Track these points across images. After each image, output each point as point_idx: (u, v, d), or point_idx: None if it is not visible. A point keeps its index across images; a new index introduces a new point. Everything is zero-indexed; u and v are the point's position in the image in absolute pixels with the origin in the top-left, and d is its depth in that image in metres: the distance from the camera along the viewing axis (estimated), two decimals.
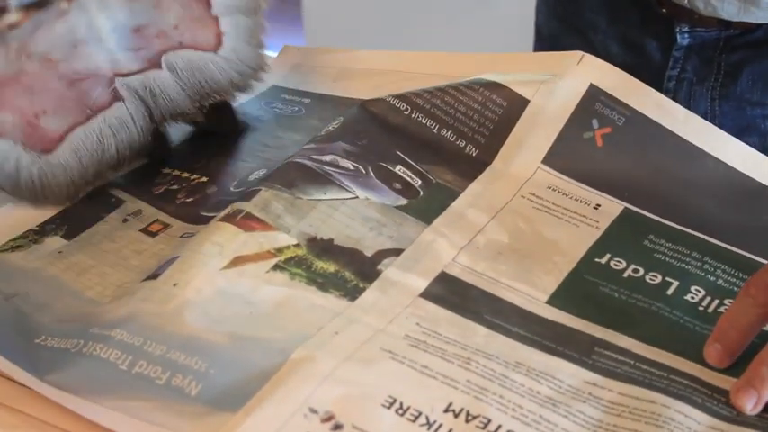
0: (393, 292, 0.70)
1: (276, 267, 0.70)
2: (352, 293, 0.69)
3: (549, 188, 0.77)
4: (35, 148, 0.78)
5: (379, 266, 0.71)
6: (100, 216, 0.79)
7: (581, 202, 0.77)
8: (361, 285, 0.70)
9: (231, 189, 0.80)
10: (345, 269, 0.71)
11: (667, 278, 0.71)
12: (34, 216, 0.79)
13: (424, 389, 0.63)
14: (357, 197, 0.75)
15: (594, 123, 0.80)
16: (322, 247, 0.72)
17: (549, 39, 1.04)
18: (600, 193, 0.77)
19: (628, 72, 0.96)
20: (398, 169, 0.78)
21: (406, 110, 0.82)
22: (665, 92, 0.95)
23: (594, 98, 0.80)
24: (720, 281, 0.71)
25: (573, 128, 0.80)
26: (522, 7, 2.01)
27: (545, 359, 0.66)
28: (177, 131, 0.87)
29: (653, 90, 0.81)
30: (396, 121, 0.81)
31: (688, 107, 0.94)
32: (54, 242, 0.77)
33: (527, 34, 2.08)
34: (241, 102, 0.89)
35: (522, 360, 0.66)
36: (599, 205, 0.76)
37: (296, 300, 0.69)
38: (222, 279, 0.69)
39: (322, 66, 0.94)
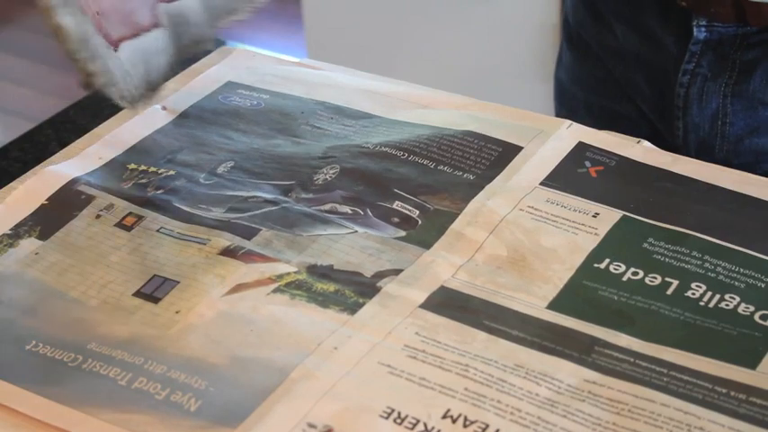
0: (392, 305, 0.70)
1: (277, 290, 0.71)
2: (353, 308, 0.70)
3: (548, 201, 0.77)
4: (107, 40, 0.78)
5: (378, 284, 0.72)
6: (72, 214, 0.78)
7: (579, 211, 0.77)
8: (360, 301, 0.70)
9: (201, 181, 0.80)
10: (345, 288, 0.71)
11: (667, 278, 0.71)
12: (1, 221, 0.78)
13: (422, 399, 0.64)
14: (356, 231, 0.76)
15: (587, 163, 0.81)
16: (322, 273, 0.73)
17: (575, 25, 1.04)
18: (598, 203, 0.77)
19: (646, 66, 0.96)
20: (396, 205, 0.78)
21: (404, 155, 0.82)
22: (679, 86, 0.95)
23: (584, 149, 0.82)
24: (721, 276, 0.71)
25: (567, 164, 0.81)
26: (522, 7, 2.02)
27: (544, 360, 0.66)
28: (140, 125, 0.86)
29: (641, 141, 0.82)
30: (392, 164, 0.81)
31: (700, 103, 0.94)
32: (29, 244, 0.76)
33: (527, 34, 2.08)
34: (198, 97, 0.89)
35: (520, 363, 0.66)
36: (597, 213, 0.76)
37: (296, 316, 0.69)
38: (223, 303, 0.71)
39: (280, 75, 0.92)
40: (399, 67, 2.09)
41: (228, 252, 0.74)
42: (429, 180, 0.80)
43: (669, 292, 0.70)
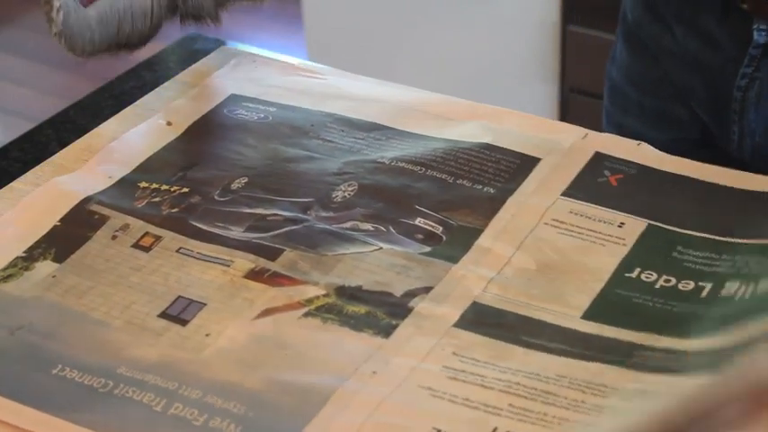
0: (426, 326, 0.69)
1: (308, 314, 0.70)
2: (386, 330, 0.69)
3: (572, 213, 0.77)
4: None
5: (410, 304, 0.70)
6: (86, 235, 0.77)
7: (604, 222, 0.76)
8: (393, 322, 0.69)
9: (216, 198, 0.79)
10: (377, 309, 0.70)
11: (700, 283, 0.71)
12: (14, 242, 0.76)
13: (467, 419, 0.63)
14: (381, 248, 0.75)
15: (606, 172, 0.80)
16: (351, 294, 0.71)
17: (633, 24, 1.02)
18: (622, 213, 0.77)
19: (703, 68, 0.96)
20: (418, 221, 0.77)
21: (421, 170, 0.81)
22: (737, 90, 0.94)
23: (602, 159, 0.81)
24: (753, 269, 0.71)
25: (586, 175, 0.80)
26: (522, 6, 2.01)
27: (586, 368, 0.66)
28: (146, 142, 0.86)
29: (641, 144, 0.82)
30: (411, 179, 0.80)
31: (757, 107, 0.93)
32: (45, 267, 0.74)
33: (527, 34, 2.08)
34: (202, 112, 0.88)
35: (562, 373, 0.65)
36: (623, 224, 0.76)
37: (330, 340, 0.68)
38: (255, 327, 0.69)
39: (284, 86, 0.92)
40: (399, 67, 2.09)
41: (254, 275, 0.73)
42: (449, 195, 0.79)
43: (703, 294, 0.70)
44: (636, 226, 0.76)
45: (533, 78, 2.01)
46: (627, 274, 0.72)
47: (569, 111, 1.99)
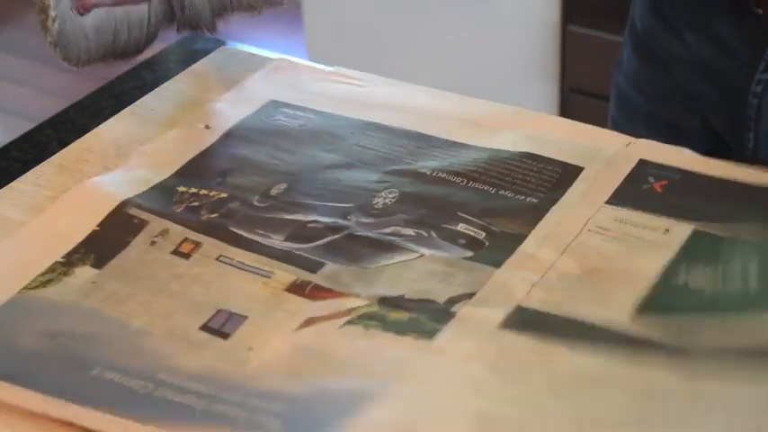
0: (471, 328, 0.68)
1: (350, 323, 0.69)
2: (430, 333, 0.68)
3: (616, 220, 0.76)
4: (74, 4, 0.83)
5: (452, 309, 0.70)
6: (126, 241, 0.76)
7: (649, 229, 0.75)
8: (437, 327, 0.68)
9: (255, 203, 0.79)
10: (420, 315, 0.69)
11: (747, 286, 0.71)
12: (52, 245, 0.76)
13: (512, 419, 0.63)
14: (423, 255, 0.74)
15: (651, 179, 0.80)
16: (393, 303, 0.71)
17: (642, 32, 1.01)
18: (667, 218, 0.76)
19: (717, 75, 0.94)
20: (461, 227, 0.76)
21: (462, 181, 0.80)
22: (752, 96, 0.93)
23: (646, 166, 0.81)
24: None
25: (630, 182, 0.79)
26: (522, 6, 2.02)
27: (637, 371, 0.65)
28: (184, 145, 0.85)
29: (703, 156, 0.81)
30: (453, 189, 0.79)
31: None
32: (84, 272, 0.73)
33: (527, 34, 2.08)
34: (241, 117, 0.87)
35: (611, 374, 0.65)
36: (668, 230, 0.75)
37: (374, 345, 0.68)
38: (297, 338, 0.69)
39: (323, 93, 0.91)
40: (399, 67, 2.09)
41: (295, 288, 0.72)
42: (492, 204, 0.78)
43: (751, 296, 0.70)
44: (681, 231, 0.75)
45: (533, 78, 2.01)
46: (673, 280, 0.72)
47: (569, 111, 1.99)
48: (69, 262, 0.75)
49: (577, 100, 1.97)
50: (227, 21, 0.90)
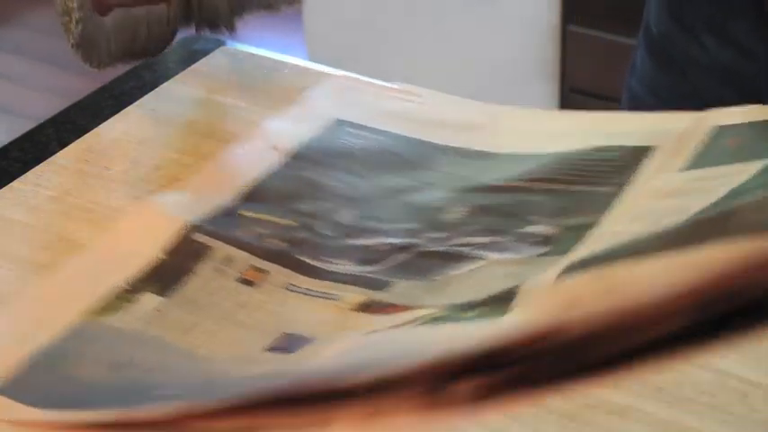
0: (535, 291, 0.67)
1: (418, 325, 0.68)
2: (504, 312, 0.66)
3: (691, 180, 0.74)
4: (93, 4, 0.84)
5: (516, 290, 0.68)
6: (190, 267, 0.73)
7: (726, 176, 0.72)
8: (507, 310, 0.66)
9: (323, 232, 0.77)
10: (491, 308, 0.67)
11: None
12: (114, 270, 0.73)
13: None
14: (493, 260, 0.73)
15: (724, 140, 0.78)
16: (462, 306, 0.69)
17: (658, 37, 1.00)
18: (742, 163, 0.73)
19: (736, 79, 0.94)
20: (532, 229, 0.75)
21: (533, 186, 0.79)
22: None
23: (719, 129, 0.79)
24: None
25: (705, 147, 0.77)
26: (523, 7, 2.02)
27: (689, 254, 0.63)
28: (251, 167, 0.83)
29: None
30: (523, 196, 0.78)
31: None
32: (150, 300, 0.71)
33: (528, 34, 2.08)
34: (307, 136, 0.85)
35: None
36: (743, 170, 0.72)
37: (444, 328, 0.66)
38: (364, 339, 0.67)
39: (386, 111, 0.88)
40: (399, 68, 2.09)
41: (364, 307, 0.70)
42: (565, 203, 0.77)
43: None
44: (755, 166, 0.72)
45: (533, 78, 2.01)
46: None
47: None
48: (134, 288, 0.72)
49: (577, 100, 1.97)
50: (245, 20, 0.90)
